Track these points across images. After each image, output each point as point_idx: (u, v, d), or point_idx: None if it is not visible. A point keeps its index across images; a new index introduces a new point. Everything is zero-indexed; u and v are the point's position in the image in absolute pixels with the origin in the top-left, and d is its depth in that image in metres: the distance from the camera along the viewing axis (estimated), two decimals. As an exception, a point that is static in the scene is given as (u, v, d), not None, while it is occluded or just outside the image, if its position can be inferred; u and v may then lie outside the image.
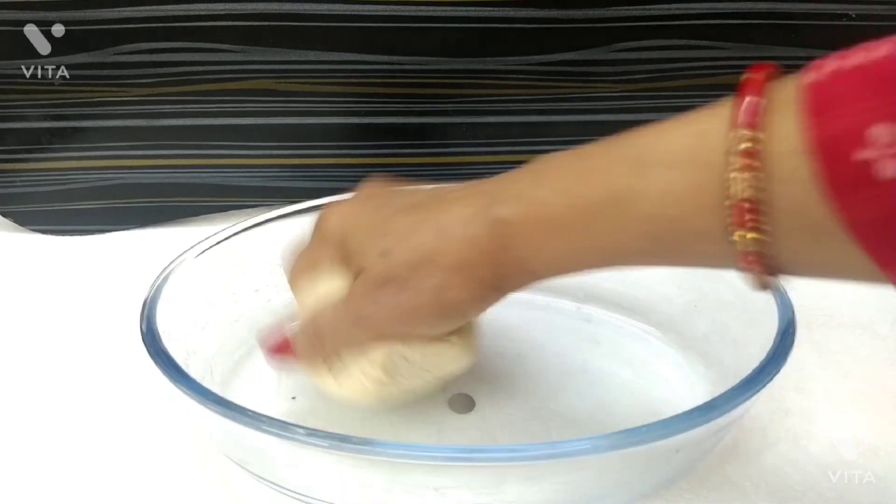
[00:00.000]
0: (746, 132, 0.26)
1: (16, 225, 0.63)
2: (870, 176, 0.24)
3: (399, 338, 0.37)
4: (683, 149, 0.29)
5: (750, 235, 0.27)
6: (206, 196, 0.63)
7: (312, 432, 0.33)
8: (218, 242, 0.48)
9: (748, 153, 0.26)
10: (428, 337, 0.37)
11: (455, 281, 0.34)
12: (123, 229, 0.63)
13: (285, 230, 0.51)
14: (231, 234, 0.49)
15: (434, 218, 0.35)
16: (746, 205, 0.26)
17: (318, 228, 0.40)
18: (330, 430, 0.33)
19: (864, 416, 0.43)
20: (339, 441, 0.33)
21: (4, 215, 0.63)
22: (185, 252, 0.47)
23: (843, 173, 0.25)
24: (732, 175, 0.26)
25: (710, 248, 0.29)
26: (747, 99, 0.27)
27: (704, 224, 0.28)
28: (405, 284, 0.34)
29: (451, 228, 0.34)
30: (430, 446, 0.34)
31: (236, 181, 0.62)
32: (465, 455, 0.33)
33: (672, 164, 0.29)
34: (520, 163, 0.34)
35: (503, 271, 0.34)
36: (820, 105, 0.25)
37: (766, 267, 0.28)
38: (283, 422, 0.34)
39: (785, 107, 0.26)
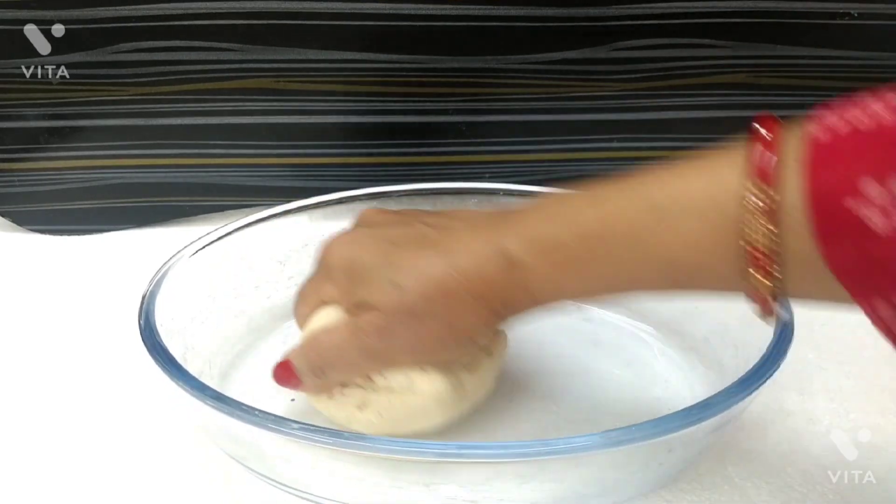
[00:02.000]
0: (761, 189, 0.28)
1: (14, 224, 0.62)
2: (856, 225, 0.26)
3: (411, 365, 0.38)
4: (701, 198, 0.30)
5: (763, 280, 0.29)
6: (204, 196, 0.63)
7: (306, 427, 0.33)
8: (219, 238, 0.48)
9: (763, 210, 0.28)
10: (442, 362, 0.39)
11: (469, 312, 0.36)
12: (121, 229, 0.63)
13: (286, 226, 0.51)
14: (232, 229, 0.49)
15: (444, 251, 0.36)
16: (760, 255, 0.29)
17: (322, 261, 0.41)
18: (325, 426, 0.33)
19: (864, 416, 0.43)
20: (333, 436, 0.33)
21: (2, 215, 0.62)
22: (185, 247, 0.46)
23: (830, 224, 0.27)
24: (747, 228, 0.29)
25: (722, 286, 0.32)
26: (761, 153, 0.29)
27: (720, 268, 0.30)
28: (422, 317, 0.36)
29: (463, 262, 0.35)
30: (422, 442, 0.33)
31: (235, 180, 0.62)
32: (458, 451, 0.33)
33: (690, 212, 0.31)
34: (520, 162, 0.34)
35: (512, 301, 0.36)
36: (817, 161, 0.27)
37: (773, 303, 0.30)
38: (277, 417, 0.34)
39: (792, 163, 0.28)
